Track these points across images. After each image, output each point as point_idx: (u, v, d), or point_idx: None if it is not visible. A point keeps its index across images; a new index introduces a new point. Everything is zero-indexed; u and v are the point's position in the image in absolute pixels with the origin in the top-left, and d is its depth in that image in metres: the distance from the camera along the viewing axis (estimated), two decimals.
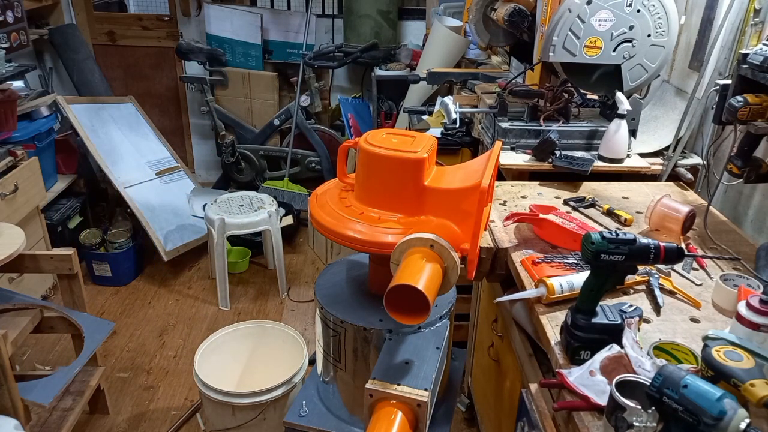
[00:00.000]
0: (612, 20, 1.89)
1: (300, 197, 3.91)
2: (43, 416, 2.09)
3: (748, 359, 0.92)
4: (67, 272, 2.14)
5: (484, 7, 2.70)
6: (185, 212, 3.58)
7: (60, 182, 3.40)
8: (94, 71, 3.91)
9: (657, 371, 0.85)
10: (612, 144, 1.95)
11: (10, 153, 2.74)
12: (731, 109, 1.42)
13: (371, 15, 3.76)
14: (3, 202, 2.59)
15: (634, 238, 1.07)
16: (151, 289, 3.31)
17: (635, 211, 1.74)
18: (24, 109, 3.05)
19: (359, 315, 1.35)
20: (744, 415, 0.77)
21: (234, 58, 4.05)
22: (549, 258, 1.46)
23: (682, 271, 1.44)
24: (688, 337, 1.20)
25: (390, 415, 1.12)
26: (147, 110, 3.95)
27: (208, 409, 2.16)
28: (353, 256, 1.60)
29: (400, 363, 1.23)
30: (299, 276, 3.48)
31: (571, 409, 1.04)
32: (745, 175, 1.51)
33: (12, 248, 1.94)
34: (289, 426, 1.45)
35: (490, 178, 1.19)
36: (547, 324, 1.25)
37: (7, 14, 3.18)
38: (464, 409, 2.35)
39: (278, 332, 2.35)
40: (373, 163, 1.28)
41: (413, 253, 1.15)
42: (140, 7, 4.56)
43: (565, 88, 2.12)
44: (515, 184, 1.95)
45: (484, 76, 2.98)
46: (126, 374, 2.66)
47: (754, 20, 1.76)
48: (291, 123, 3.98)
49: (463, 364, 1.74)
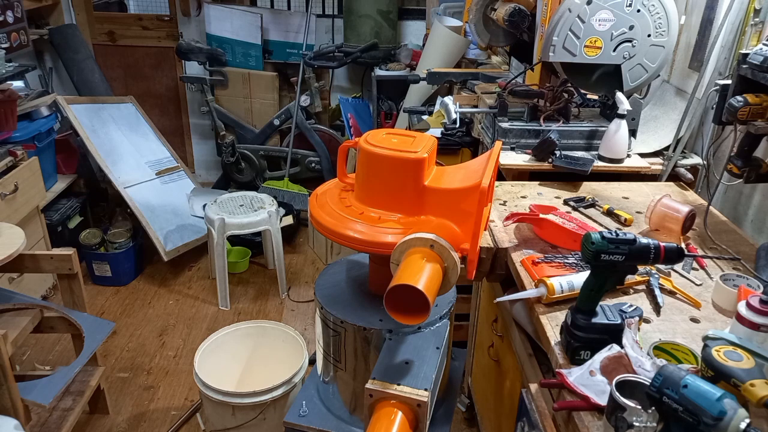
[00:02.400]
0: (612, 20, 1.89)
1: (300, 197, 3.91)
2: (43, 416, 2.09)
3: (748, 359, 0.92)
4: (67, 272, 2.14)
5: (484, 7, 2.70)
6: (185, 212, 3.58)
7: (60, 182, 3.40)
8: (94, 71, 3.91)
9: (657, 371, 0.85)
10: (612, 144, 1.95)
11: (10, 153, 2.74)
12: (731, 109, 1.42)
13: (371, 15, 3.76)
14: (3, 202, 2.59)
15: (634, 238, 1.07)
16: (151, 289, 3.31)
17: (635, 211, 1.74)
18: (24, 109, 3.05)
19: (359, 315, 1.35)
20: (744, 415, 0.77)
21: (234, 58, 4.05)
22: (549, 258, 1.46)
23: (682, 271, 1.44)
24: (688, 337, 1.20)
25: (390, 415, 1.12)
26: (147, 110, 3.95)
27: (208, 409, 2.16)
28: (353, 256, 1.60)
29: (400, 363, 1.23)
30: (299, 276, 3.48)
31: (571, 409, 1.04)
32: (745, 175, 1.51)
33: (12, 248, 1.94)
34: (289, 426, 1.45)
35: (490, 178, 1.19)
36: (547, 324, 1.25)
37: (7, 14, 3.18)
38: (464, 409, 2.35)
39: (278, 332, 2.35)
40: (373, 163, 1.28)
41: (413, 253, 1.15)
42: (140, 7, 4.56)
43: (565, 88, 2.12)
44: (515, 184, 1.95)
45: (484, 76, 2.98)
46: (126, 374, 2.66)
47: (754, 20, 1.76)
48: (291, 123, 3.98)
49: (463, 364, 1.74)
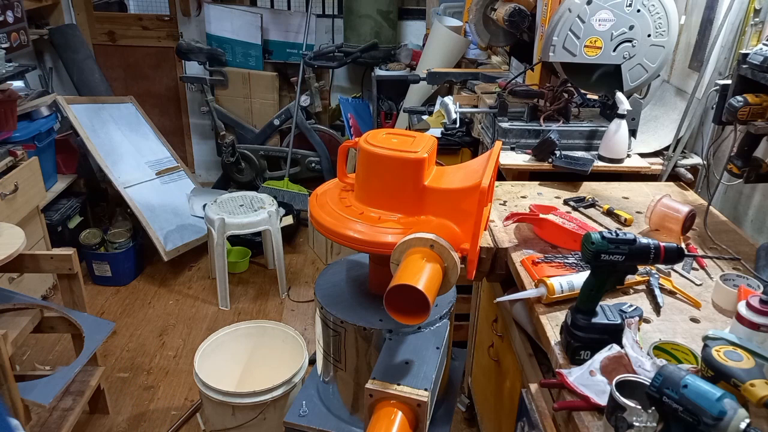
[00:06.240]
0: (612, 20, 1.89)
1: (300, 197, 3.91)
2: (43, 416, 2.09)
3: (748, 359, 0.92)
4: (67, 272, 2.14)
5: (484, 7, 2.70)
6: (185, 212, 3.58)
7: (60, 182, 3.40)
8: (94, 71, 3.91)
9: (657, 371, 0.85)
10: (612, 144, 1.95)
11: (10, 153, 2.74)
12: (731, 109, 1.42)
13: (371, 15, 3.76)
14: (3, 202, 2.59)
15: (634, 238, 1.07)
16: (151, 289, 3.31)
17: (635, 211, 1.74)
18: (24, 109, 3.05)
19: (359, 315, 1.35)
20: (744, 415, 0.77)
21: (234, 58, 4.05)
22: (549, 258, 1.46)
23: (682, 271, 1.44)
24: (688, 337, 1.20)
25: (390, 415, 1.12)
26: (147, 110, 3.95)
27: (208, 409, 2.16)
28: (353, 256, 1.60)
29: (400, 363, 1.23)
30: (299, 276, 3.48)
31: (571, 409, 1.04)
32: (745, 175, 1.51)
33: (12, 248, 1.94)
34: (289, 426, 1.45)
35: (490, 178, 1.19)
36: (547, 324, 1.25)
37: (7, 14, 3.18)
38: (464, 409, 2.35)
39: (278, 332, 2.35)
40: (373, 163, 1.28)
41: (413, 253, 1.15)
42: (140, 7, 4.56)
43: (565, 88, 2.12)
44: (515, 184, 1.95)
45: (484, 76, 2.98)
46: (126, 374, 2.66)
47: (754, 20, 1.76)
48: (291, 123, 3.98)
49: (463, 364, 1.74)
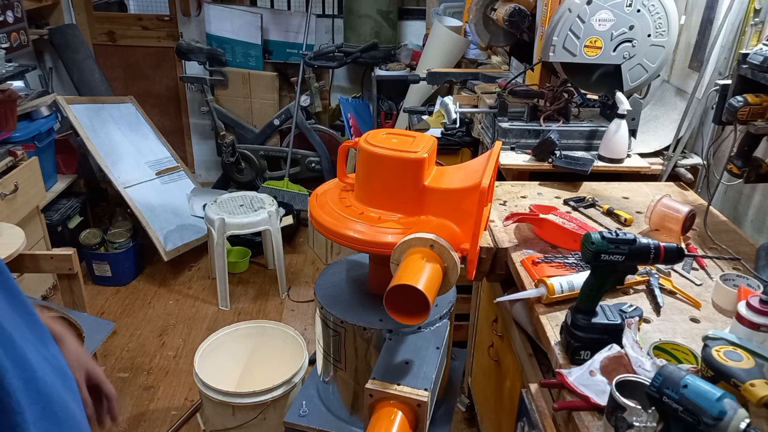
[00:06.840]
0: (612, 20, 1.89)
1: (300, 197, 3.91)
2: None
3: (748, 359, 0.92)
4: (67, 272, 2.13)
5: (484, 7, 2.70)
6: (185, 212, 3.58)
7: (60, 182, 3.40)
8: (94, 71, 3.91)
9: (657, 371, 0.85)
10: (612, 144, 1.95)
11: (10, 153, 2.74)
12: (731, 109, 1.42)
13: (371, 15, 3.76)
14: (3, 202, 2.59)
15: (634, 238, 1.07)
16: (151, 289, 3.31)
17: (635, 211, 1.74)
18: (24, 109, 3.05)
19: (359, 315, 1.35)
20: (744, 415, 0.77)
21: (234, 58, 4.05)
22: (549, 258, 1.46)
23: (682, 271, 1.44)
24: (688, 337, 1.20)
25: (390, 415, 1.12)
26: (147, 110, 3.95)
27: (208, 409, 2.16)
28: (353, 256, 1.60)
29: (400, 363, 1.23)
30: (299, 276, 3.48)
31: (571, 409, 1.04)
32: (745, 175, 1.51)
33: (12, 248, 1.94)
34: (289, 426, 1.45)
35: (490, 178, 1.19)
36: (547, 324, 1.25)
37: (7, 14, 3.18)
38: (464, 409, 2.35)
39: (278, 332, 2.35)
40: (373, 163, 1.28)
41: (413, 253, 1.14)
42: (140, 7, 4.56)
43: (565, 88, 2.12)
44: (515, 184, 1.95)
45: (484, 76, 2.98)
46: (126, 374, 2.66)
47: (754, 20, 1.76)
48: (291, 123, 3.98)
49: (463, 364, 1.74)
